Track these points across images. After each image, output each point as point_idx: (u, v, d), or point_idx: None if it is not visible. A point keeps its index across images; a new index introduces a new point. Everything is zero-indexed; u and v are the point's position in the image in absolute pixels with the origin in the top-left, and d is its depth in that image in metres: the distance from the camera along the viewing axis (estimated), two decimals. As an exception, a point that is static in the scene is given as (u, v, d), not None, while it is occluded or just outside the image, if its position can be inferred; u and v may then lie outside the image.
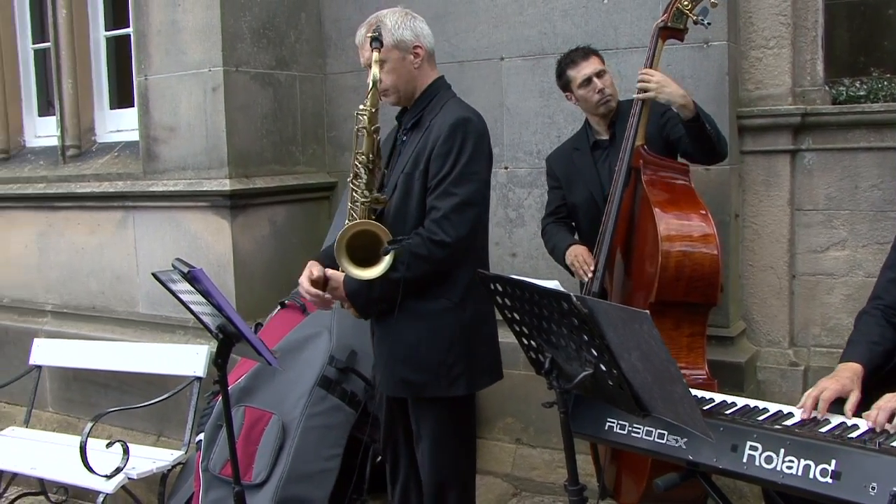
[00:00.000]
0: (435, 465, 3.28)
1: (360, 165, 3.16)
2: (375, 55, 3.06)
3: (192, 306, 3.49)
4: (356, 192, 3.17)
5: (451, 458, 3.30)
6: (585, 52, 3.86)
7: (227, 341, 3.31)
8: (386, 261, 3.00)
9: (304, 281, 3.24)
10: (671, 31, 3.67)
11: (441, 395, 3.17)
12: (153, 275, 3.46)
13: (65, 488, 5.31)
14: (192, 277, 3.05)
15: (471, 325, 3.18)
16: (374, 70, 3.06)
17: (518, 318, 2.60)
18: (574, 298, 2.27)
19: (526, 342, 2.64)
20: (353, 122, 4.98)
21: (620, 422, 2.69)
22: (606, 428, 2.73)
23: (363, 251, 3.05)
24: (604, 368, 2.35)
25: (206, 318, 3.46)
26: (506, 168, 4.71)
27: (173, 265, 3.15)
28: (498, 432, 4.77)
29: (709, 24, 3.65)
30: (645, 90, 3.58)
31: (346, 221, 3.20)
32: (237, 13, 4.84)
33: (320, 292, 3.21)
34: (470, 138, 3.08)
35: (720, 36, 4.14)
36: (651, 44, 3.69)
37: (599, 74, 3.81)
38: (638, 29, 4.30)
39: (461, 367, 3.15)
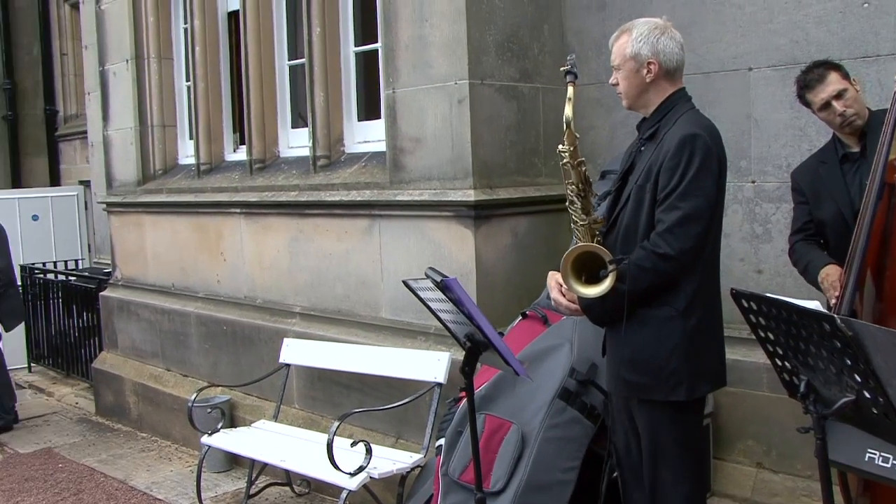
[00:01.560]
0: (655, 469, 3.33)
1: (572, 194, 3.34)
2: (570, 90, 3.30)
3: (440, 314, 3.58)
4: (574, 215, 3.37)
5: (672, 465, 3.31)
6: (821, 74, 3.65)
7: (475, 350, 3.38)
8: (609, 280, 3.11)
9: (558, 296, 3.43)
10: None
11: (661, 399, 3.24)
12: (404, 282, 3.57)
13: (307, 481, 5.59)
14: (444, 286, 3.13)
15: (695, 333, 3.23)
16: (567, 110, 3.29)
17: (772, 337, 2.52)
18: (838, 320, 2.18)
19: (780, 363, 2.56)
20: (594, 134, 5.07)
21: (883, 453, 2.56)
22: (867, 459, 2.59)
23: (588, 269, 3.20)
24: (868, 395, 2.23)
25: (453, 327, 3.53)
26: (753, 182, 4.55)
27: (426, 274, 3.24)
28: (737, 454, 4.61)
29: None
30: None
31: (573, 241, 3.39)
32: (482, 27, 4.92)
33: (575, 305, 3.36)
34: (697, 154, 3.15)
35: None
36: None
37: (839, 96, 3.60)
38: (903, 34, 4.05)
39: (683, 373, 3.21)
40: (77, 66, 12.36)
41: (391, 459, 4.77)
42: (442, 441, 4.40)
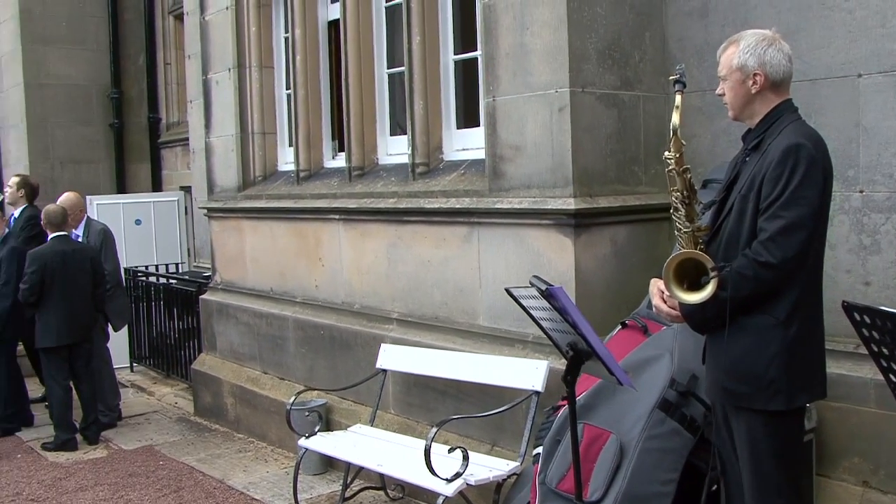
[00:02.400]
0: (753, 481, 3.31)
1: (677, 201, 3.35)
2: (678, 99, 3.31)
3: (542, 322, 3.58)
4: (678, 223, 3.38)
5: (770, 477, 3.29)
6: None
7: (578, 359, 3.37)
8: (710, 287, 3.12)
9: (659, 303, 3.44)
10: None
11: (759, 408, 3.24)
12: (506, 290, 3.58)
13: (402, 486, 5.62)
14: (549, 294, 3.13)
15: (795, 342, 3.22)
16: (675, 118, 3.28)
17: (886, 352, 2.44)
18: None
19: (894, 379, 2.48)
20: (695, 143, 5.01)
21: None
22: None
23: (691, 276, 3.22)
24: None
25: (555, 335, 3.53)
26: (861, 192, 4.43)
27: (530, 282, 3.25)
28: (842, 472, 4.48)
29: None
30: None
31: (676, 248, 3.40)
32: (583, 35, 4.91)
33: (676, 311, 3.37)
34: (801, 164, 3.15)
35: None
36: None
37: None
38: None
39: (782, 382, 3.21)
40: (180, 76, 12.69)
41: (487, 466, 4.78)
42: (539, 449, 4.39)
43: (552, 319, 3.43)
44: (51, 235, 7.58)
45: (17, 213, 8.45)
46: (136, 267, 10.23)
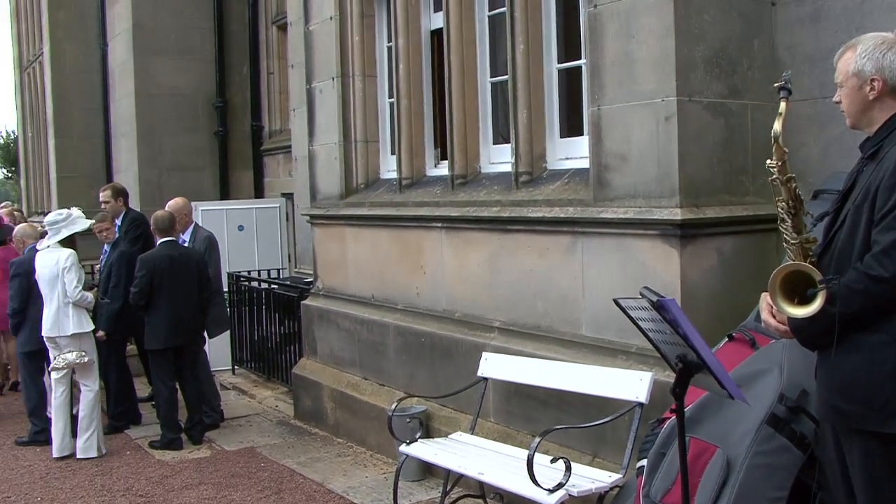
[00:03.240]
0: None
1: (783, 211, 3.25)
2: (782, 106, 3.22)
3: (650, 334, 3.54)
4: (786, 234, 3.27)
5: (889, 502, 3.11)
6: None
7: (687, 371, 3.32)
8: (818, 301, 2.99)
9: (768, 317, 3.31)
10: None
11: (874, 430, 3.06)
12: (614, 301, 3.55)
13: (500, 495, 5.62)
14: (660, 306, 3.10)
15: None
16: (777, 125, 3.20)
17: None
18: None
19: None
20: (805, 152, 4.90)
21: None
22: None
23: (800, 289, 3.08)
24: None
25: (664, 347, 3.49)
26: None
27: (641, 293, 3.22)
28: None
29: None
30: None
31: (784, 260, 3.28)
32: (691, 43, 4.85)
33: (785, 326, 3.24)
34: None
35: None
36: None
37: None
38: None
39: None
40: (282, 84, 12.96)
41: (589, 478, 4.74)
42: (643, 462, 4.34)
43: (661, 331, 3.39)
44: (159, 240, 7.80)
45: (119, 220, 8.68)
46: (239, 272, 10.44)
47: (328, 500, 6.32)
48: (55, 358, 7.57)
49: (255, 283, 10.31)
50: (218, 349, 8.87)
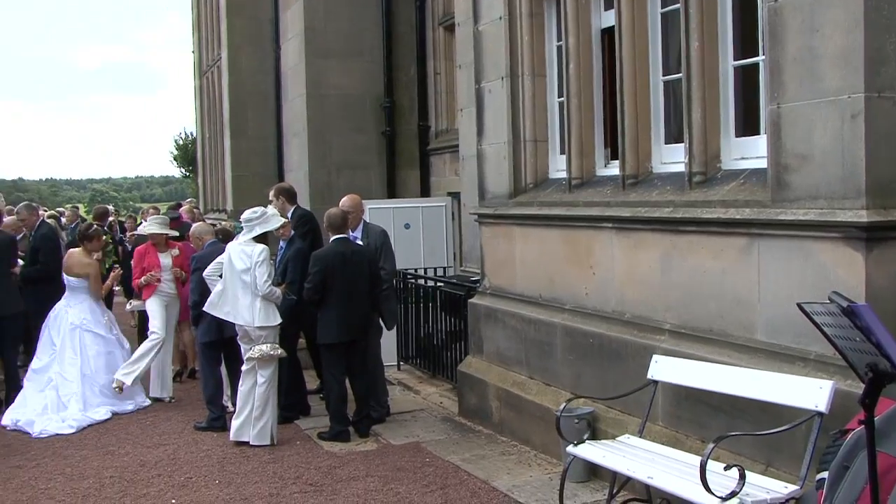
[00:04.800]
0: None
1: None
2: None
3: (836, 340, 3.40)
4: None
5: None
6: None
7: (879, 381, 3.18)
8: None
9: None
10: None
11: None
12: (798, 305, 3.44)
13: (667, 500, 5.50)
14: (850, 312, 2.97)
15: None
16: None
17: None
18: None
19: None
20: None
21: None
22: None
23: None
24: None
25: (852, 355, 3.35)
26: None
27: (830, 298, 3.10)
28: None
29: None
30: None
31: None
32: (881, 36, 4.62)
33: None
34: None
35: None
36: None
37: None
38: None
39: None
40: (448, 85, 13.12)
41: (764, 488, 4.60)
42: (823, 475, 4.16)
43: (849, 338, 3.25)
44: (332, 238, 8.01)
45: (289, 214, 8.96)
46: (406, 270, 10.62)
47: (492, 497, 6.35)
48: (249, 349, 7.88)
49: (421, 281, 10.47)
50: (384, 346, 9.03)
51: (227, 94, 17.12)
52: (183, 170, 46.09)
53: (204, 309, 8.04)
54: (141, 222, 12.99)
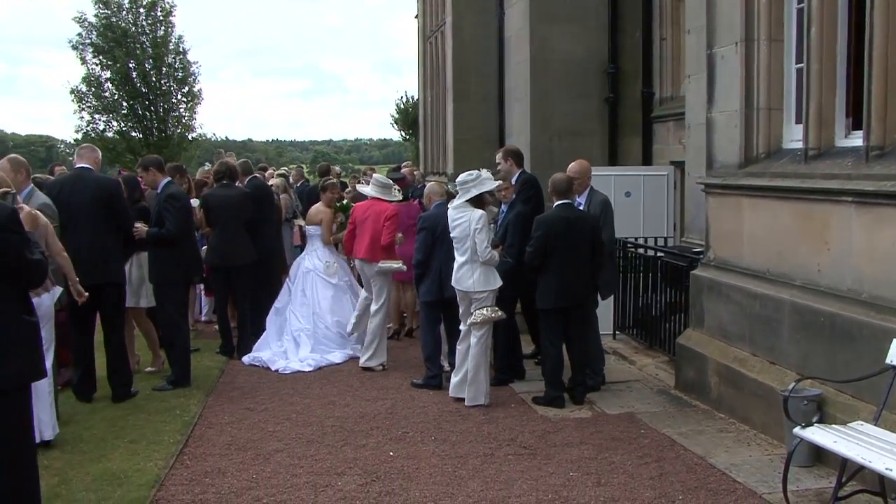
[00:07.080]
0: None
1: None
2: None
3: None
4: None
5: None
6: None
7: None
8: None
9: None
10: None
11: None
12: None
13: (902, 494, 5.21)
14: None
15: None
16: None
17: None
18: None
19: None
20: None
21: None
22: None
23: None
24: None
25: None
26: None
27: None
28: None
29: None
30: None
31: None
32: None
33: None
34: None
35: None
36: None
37: None
38: None
39: None
40: (675, 51, 12.75)
41: None
42: None
43: None
44: (555, 203, 7.98)
45: (513, 181, 8.96)
46: (627, 238, 10.46)
47: (709, 474, 6.20)
48: (472, 313, 8.01)
49: (642, 251, 10.29)
50: (600, 314, 8.94)
51: (450, 59, 17.34)
52: (402, 133, 47.29)
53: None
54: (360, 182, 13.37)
